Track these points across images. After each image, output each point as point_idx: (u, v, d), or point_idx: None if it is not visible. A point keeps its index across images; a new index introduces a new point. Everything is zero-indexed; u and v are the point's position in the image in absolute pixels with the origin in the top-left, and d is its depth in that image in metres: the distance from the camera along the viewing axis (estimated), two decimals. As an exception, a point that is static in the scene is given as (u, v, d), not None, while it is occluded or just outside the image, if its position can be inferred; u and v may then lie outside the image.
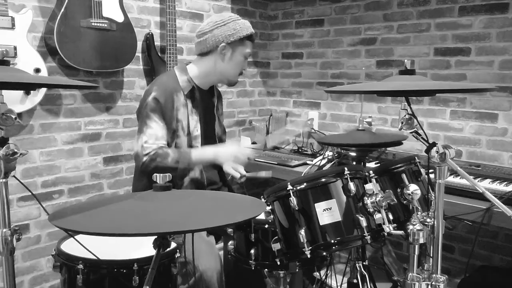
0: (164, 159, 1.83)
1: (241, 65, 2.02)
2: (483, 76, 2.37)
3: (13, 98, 2.00)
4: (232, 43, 1.95)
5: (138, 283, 1.42)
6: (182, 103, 1.94)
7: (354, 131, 2.00)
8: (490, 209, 1.75)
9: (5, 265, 1.15)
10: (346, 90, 1.84)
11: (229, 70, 1.99)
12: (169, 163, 1.83)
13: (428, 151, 1.23)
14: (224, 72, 2.00)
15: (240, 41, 1.95)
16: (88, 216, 1.01)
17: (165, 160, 1.83)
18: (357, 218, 1.31)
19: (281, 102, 3.33)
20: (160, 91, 1.89)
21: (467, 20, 2.40)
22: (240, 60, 1.99)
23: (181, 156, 1.87)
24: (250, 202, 1.16)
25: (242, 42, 1.97)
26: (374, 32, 2.77)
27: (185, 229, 1.04)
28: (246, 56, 2.01)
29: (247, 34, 1.96)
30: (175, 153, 1.87)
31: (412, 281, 1.26)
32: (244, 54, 1.99)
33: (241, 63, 2.01)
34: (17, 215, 2.18)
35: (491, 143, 2.36)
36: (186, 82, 1.97)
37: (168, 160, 1.83)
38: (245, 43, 1.98)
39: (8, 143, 1.10)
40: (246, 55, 2.00)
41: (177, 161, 1.85)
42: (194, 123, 1.98)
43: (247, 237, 1.59)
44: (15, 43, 1.98)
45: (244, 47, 1.98)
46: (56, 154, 2.30)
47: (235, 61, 1.98)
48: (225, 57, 1.96)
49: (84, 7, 2.17)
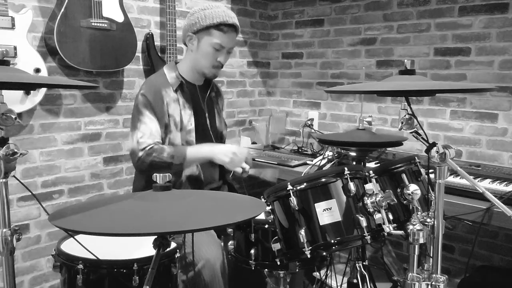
0: (160, 154, 1.82)
1: (211, 57, 1.91)
2: (483, 76, 2.37)
3: (13, 98, 2.00)
4: (197, 33, 1.90)
5: (138, 283, 1.42)
6: (172, 99, 1.93)
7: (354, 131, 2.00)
8: (490, 209, 1.74)
9: (5, 265, 1.15)
10: (346, 90, 1.84)
11: (198, 61, 1.94)
12: (164, 157, 1.82)
13: (428, 151, 1.23)
14: (196, 63, 1.96)
15: (205, 30, 1.89)
16: (88, 216, 1.01)
17: (161, 155, 1.82)
18: (357, 218, 1.31)
19: (281, 102, 3.33)
20: (147, 88, 1.91)
21: (467, 20, 2.40)
22: (208, 51, 1.90)
23: (177, 151, 1.86)
24: (250, 202, 1.16)
25: (208, 32, 1.89)
26: (374, 32, 2.77)
27: (185, 229, 1.04)
28: (214, 46, 1.89)
29: (212, 23, 1.87)
30: (171, 148, 1.87)
31: (412, 281, 1.26)
32: (211, 43, 1.89)
33: (211, 54, 1.91)
34: (17, 215, 2.18)
35: (491, 143, 2.36)
36: (174, 78, 1.97)
37: (164, 154, 1.82)
38: (212, 32, 1.88)
39: (8, 143, 1.10)
40: (214, 45, 1.89)
41: (173, 156, 1.83)
42: (187, 118, 1.97)
43: (247, 237, 1.59)
44: (15, 43, 1.98)
45: (210, 37, 1.89)
46: (56, 154, 2.30)
47: (203, 52, 1.92)
48: (193, 47, 1.94)
49: (84, 7, 2.17)
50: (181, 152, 1.87)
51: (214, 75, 2.00)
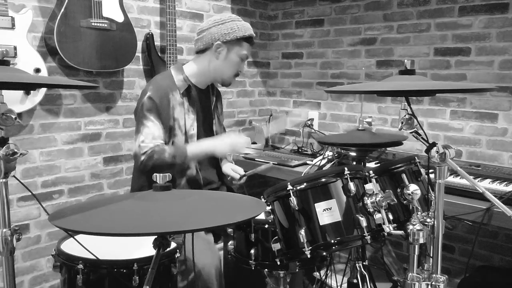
0: (161, 155, 1.83)
1: (237, 66, 1.99)
2: (483, 76, 2.37)
3: (13, 98, 2.00)
4: (228, 42, 1.94)
5: (138, 283, 1.42)
6: (178, 102, 1.94)
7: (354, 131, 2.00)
8: (490, 209, 1.74)
9: (5, 265, 1.15)
10: (346, 90, 1.84)
11: (223, 69, 1.98)
12: (166, 158, 1.82)
13: (428, 151, 1.23)
14: (218, 71, 1.98)
15: (237, 41, 1.94)
16: (88, 216, 1.01)
17: (162, 156, 1.82)
18: (357, 218, 1.31)
19: (281, 102, 3.33)
20: (155, 91, 1.90)
21: (467, 20, 2.40)
22: (235, 61, 1.97)
23: (177, 151, 1.87)
24: (250, 202, 1.16)
25: (239, 43, 1.95)
26: (374, 32, 2.77)
27: (185, 229, 1.04)
28: (242, 57, 1.99)
29: (245, 35, 1.94)
30: (171, 148, 1.87)
31: (412, 281, 1.26)
32: (240, 55, 1.97)
33: (237, 64, 1.99)
34: (17, 215, 2.18)
35: (491, 143, 2.36)
36: (182, 81, 1.97)
37: (165, 155, 1.83)
38: (242, 44, 1.96)
39: (8, 143, 1.10)
40: (242, 56, 1.98)
41: (174, 156, 1.84)
42: (190, 122, 1.97)
43: (247, 237, 1.59)
44: (15, 43, 1.98)
45: (240, 48, 1.96)
46: (56, 154, 2.30)
47: (230, 61, 1.97)
48: (220, 56, 1.95)
49: (84, 7, 2.17)
50: (182, 151, 1.87)
51: (231, 83, 2.07)
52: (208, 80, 2.05)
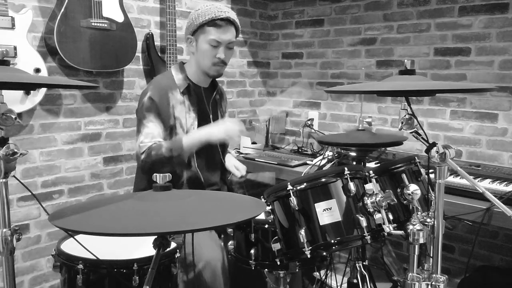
0: (158, 151, 1.81)
1: (210, 54, 1.91)
2: (483, 76, 2.37)
3: (13, 98, 2.00)
4: (194, 34, 1.92)
5: (138, 283, 1.42)
6: (179, 101, 1.93)
7: (354, 131, 2.00)
8: (490, 209, 1.74)
9: (5, 265, 1.15)
10: (346, 90, 1.84)
11: (199, 61, 1.94)
12: (163, 153, 1.81)
13: (428, 151, 1.23)
14: (198, 63, 1.96)
15: (200, 29, 1.89)
16: (88, 216, 1.01)
17: (159, 152, 1.81)
18: (357, 218, 1.31)
19: (281, 102, 3.33)
20: (154, 90, 1.90)
21: (467, 20, 2.40)
22: (205, 48, 1.90)
23: (173, 144, 1.84)
24: (250, 202, 1.16)
25: (202, 30, 1.89)
26: (374, 32, 2.77)
27: (185, 229, 1.04)
28: (211, 43, 1.88)
29: (204, 20, 1.86)
30: (167, 142, 1.85)
31: (412, 281, 1.26)
32: (207, 41, 1.89)
33: (209, 51, 1.90)
34: (17, 215, 2.18)
35: (491, 143, 2.36)
36: (182, 80, 1.96)
37: (162, 150, 1.81)
38: (206, 29, 1.88)
39: (8, 143, 1.10)
40: (210, 42, 1.88)
41: (170, 149, 1.81)
42: (191, 121, 1.97)
43: (247, 237, 1.59)
44: (15, 43, 1.98)
45: (205, 34, 1.89)
46: (56, 154, 2.30)
47: (201, 51, 1.92)
48: (194, 49, 1.95)
49: (84, 7, 2.17)
50: (178, 143, 1.85)
51: (217, 73, 1.97)
52: (203, 77, 2.02)
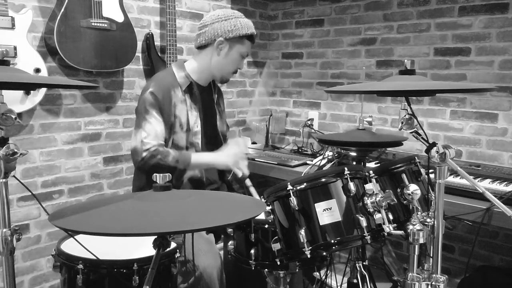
0: (165, 157, 1.82)
1: (237, 63, 2.00)
2: (483, 76, 2.37)
3: (13, 98, 2.00)
4: (230, 39, 1.94)
5: (138, 283, 1.42)
6: (180, 99, 1.94)
7: (354, 131, 2.00)
8: (490, 209, 1.74)
9: (5, 265, 1.15)
10: (346, 90, 1.84)
11: (223, 66, 1.98)
12: (169, 161, 1.83)
13: (428, 151, 1.23)
14: (218, 67, 1.99)
15: (239, 39, 1.95)
16: (88, 216, 1.01)
17: (165, 158, 1.82)
18: (357, 218, 1.31)
19: (281, 102, 3.33)
20: (157, 87, 1.90)
21: (467, 20, 2.40)
22: (236, 58, 1.98)
23: (182, 157, 1.87)
24: (250, 202, 1.16)
25: (241, 41, 1.96)
26: (374, 32, 2.77)
27: (185, 229, 1.04)
28: (243, 55, 2.00)
29: (247, 33, 1.95)
30: (176, 152, 1.87)
31: (412, 281, 1.26)
32: (241, 52, 1.98)
33: (237, 61, 2.00)
34: (17, 215, 2.18)
35: (491, 143, 2.36)
36: (183, 78, 1.97)
37: (169, 158, 1.83)
38: (244, 42, 1.97)
39: (8, 143, 1.10)
40: (243, 54, 1.99)
41: (177, 160, 1.85)
42: (194, 119, 1.97)
43: (247, 237, 1.59)
44: (15, 43, 1.98)
45: (242, 45, 1.97)
46: (56, 154, 2.30)
47: (231, 58, 1.97)
48: (221, 52, 1.96)
49: (84, 7, 2.17)
50: (186, 157, 1.88)
51: (229, 80, 2.09)
52: (208, 77, 2.04)
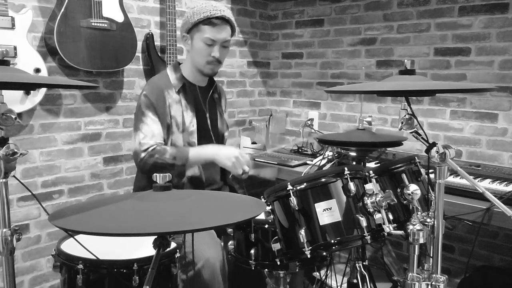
0: (162, 155, 1.83)
1: (205, 52, 1.91)
2: (483, 76, 2.37)
3: (13, 98, 2.00)
4: (189, 32, 1.93)
5: (138, 283, 1.42)
6: (175, 100, 1.94)
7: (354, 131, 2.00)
8: (490, 209, 1.74)
9: (5, 265, 1.15)
10: (346, 90, 1.84)
11: (194, 59, 1.96)
12: (167, 159, 1.83)
13: (428, 151, 1.23)
14: (192, 62, 1.97)
15: (195, 27, 1.90)
16: (88, 216, 1.01)
17: (163, 156, 1.83)
18: (357, 218, 1.31)
19: (281, 102, 3.33)
20: (150, 89, 1.92)
21: (467, 20, 2.40)
22: (201, 47, 1.91)
23: (179, 153, 1.86)
24: (250, 202, 1.16)
25: (197, 28, 1.90)
26: (374, 32, 2.77)
27: (185, 229, 1.04)
28: (206, 41, 1.89)
29: (199, 18, 1.87)
30: (173, 149, 1.87)
31: (412, 281, 1.26)
32: (202, 39, 1.89)
33: (203, 50, 1.91)
34: (17, 215, 2.18)
35: (491, 143, 2.36)
36: (177, 79, 1.98)
37: (166, 156, 1.83)
38: (201, 28, 1.89)
39: (8, 143, 1.10)
40: (205, 40, 1.89)
41: (175, 157, 1.84)
42: (189, 119, 1.97)
43: (247, 237, 1.59)
44: (15, 43, 1.98)
45: (200, 32, 1.89)
46: (56, 154, 2.30)
47: (196, 49, 1.93)
48: (189, 47, 1.97)
49: (84, 7, 2.17)
50: (184, 153, 1.87)
51: (212, 71, 1.98)
52: (199, 76, 2.02)
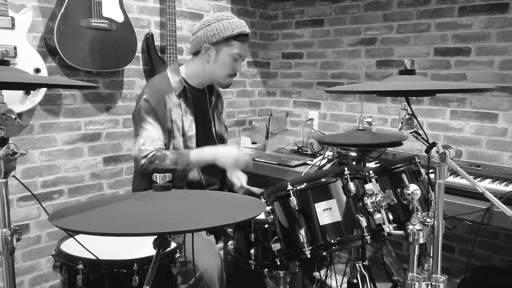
0: (162, 161, 1.82)
1: (230, 67, 1.94)
2: (483, 76, 2.37)
3: (13, 98, 2.00)
4: (215, 44, 1.90)
5: (138, 283, 1.42)
6: (175, 104, 1.93)
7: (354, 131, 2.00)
8: (490, 209, 1.74)
9: (5, 265, 1.15)
10: (346, 90, 1.84)
11: (215, 71, 1.94)
12: (167, 165, 1.82)
13: (428, 151, 1.23)
14: (211, 73, 1.96)
15: (225, 41, 1.89)
16: (88, 216, 1.01)
17: (163, 162, 1.82)
18: (357, 218, 1.31)
19: (281, 102, 3.33)
20: (151, 93, 1.89)
21: (467, 20, 2.40)
22: (227, 61, 1.92)
23: (179, 157, 1.86)
24: (250, 202, 1.16)
25: (228, 43, 1.90)
26: (374, 32, 2.77)
27: (185, 229, 1.04)
28: (234, 57, 1.92)
29: (232, 34, 1.88)
30: (173, 154, 1.86)
31: (412, 281, 1.26)
32: (231, 54, 1.91)
33: (229, 64, 1.93)
34: (17, 215, 2.18)
35: (491, 143, 2.36)
36: (177, 83, 1.96)
37: (166, 161, 1.82)
38: (231, 43, 1.90)
39: (8, 143, 1.10)
40: (234, 56, 1.92)
41: (176, 162, 1.83)
42: (188, 123, 1.96)
43: (247, 237, 1.59)
44: (15, 43, 1.98)
45: (230, 47, 1.90)
46: (56, 154, 2.30)
47: (221, 62, 1.92)
48: (210, 59, 1.92)
49: (84, 7, 2.17)
50: (184, 157, 1.86)
51: (229, 84, 2.02)
52: (205, 82, 2.02)
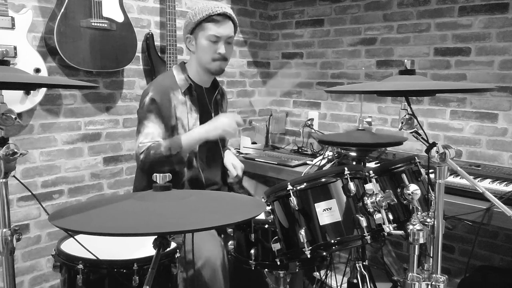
0: (157, 150, 1.82)
1: (210, 50, 1.93)
2: (483, 76, 2.37)
3: (13, 98, 2.00)
4: (192, 32, 1.95)
5: (138, 283, 1.42)
6: (180, 101, 1.94)
7: (354, 131, 2.00)
8: (490, 209, 1.74)
9: (5, 265, 1.15)
10: (346, 90, 1.84)
11: (200, 58, 1.97)
12: (162, 152, 1.82)
13: (428, 151, 1.23)
14: (198, 62, 1.98)
15: (198, 26, 1.92)
16: (88, 216, 1.01)
17: (158, 151, 1.82)
18: (357, 218, 1.31)
19: (281, 102, 3.33)
20: (156, 91, 1.91)
21: (467, 20, 2.40)
22: (205, 45, 1.93)
23: (172, 142, 1.85)
24: (250, 202, 1.16)
25: (201, 27, 1.92)
26: (374, 32, 2.77)
27: (185, 229, 1.04)
28: (210, 39, 1.91)
29: (202, 17, 1.90)
30: (166, 141, 1.86)
31: (412, 281, 1.26)
32: (206, 37, 1.92)
33: (208, 48, 1.93)
34: (17, 215, 2.18)
35: (491, 143, 2.36)
36: (183, 80, 1.97)
37: (161, 149, 1.82)
38: (204, 26, 1.91)
39: (8, 143, 1.10)
40: (209, 38, 1.91)
41: (169, 148, 1.83)
42: (193, 121, 1.97)
43: (247, 237, 1.59)
44: (15, 43, 1.98)
45: (204, 30, 1.92)
46: (56, 154, 2.30)
47: (201, 48, 1.94)
48: (194, 48, 1.97)
49: (84, 7, 2.17)
50: (176, 141, 1.86)
51: (219, 68, 1.98)
52: (204, 76, 2.03)
